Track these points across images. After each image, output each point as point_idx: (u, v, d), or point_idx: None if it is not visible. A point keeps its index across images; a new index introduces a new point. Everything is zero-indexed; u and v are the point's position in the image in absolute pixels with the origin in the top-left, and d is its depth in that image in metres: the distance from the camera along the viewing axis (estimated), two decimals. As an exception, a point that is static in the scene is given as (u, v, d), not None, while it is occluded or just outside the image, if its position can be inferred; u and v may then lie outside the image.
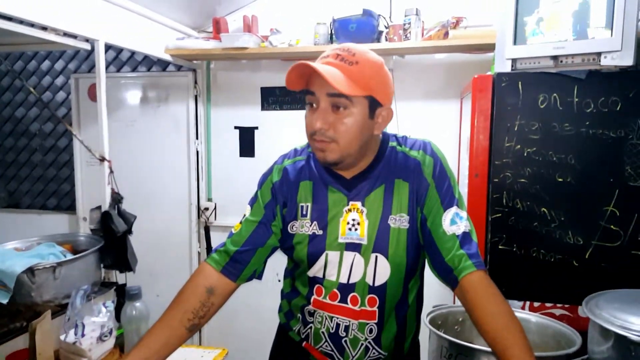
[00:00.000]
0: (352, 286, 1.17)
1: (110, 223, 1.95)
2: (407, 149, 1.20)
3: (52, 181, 3.28)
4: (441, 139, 2.68)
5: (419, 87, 2.74)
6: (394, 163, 1.18)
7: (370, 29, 2.49)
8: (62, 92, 3.19)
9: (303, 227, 1.19)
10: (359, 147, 1.12)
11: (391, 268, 1.16)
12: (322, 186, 1.19)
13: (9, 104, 3.26)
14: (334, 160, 1.10)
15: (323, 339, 1.21)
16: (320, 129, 1.07)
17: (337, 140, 1.08)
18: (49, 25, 1.85)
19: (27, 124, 3.27)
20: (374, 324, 1.18)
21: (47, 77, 3.20)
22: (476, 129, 1.84)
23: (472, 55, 2.57)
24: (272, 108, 2.89)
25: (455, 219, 1.13)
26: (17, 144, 3.30)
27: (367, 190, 1.16)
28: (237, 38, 2.51)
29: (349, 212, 1.16)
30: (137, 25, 2.37)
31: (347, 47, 1.09)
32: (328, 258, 1.17)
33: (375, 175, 1.17)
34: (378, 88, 1.09)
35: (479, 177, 1.83)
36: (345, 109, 1.07)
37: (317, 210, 1.18)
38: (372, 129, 1.12)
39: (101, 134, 2.10)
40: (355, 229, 1.15)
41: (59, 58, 3.16)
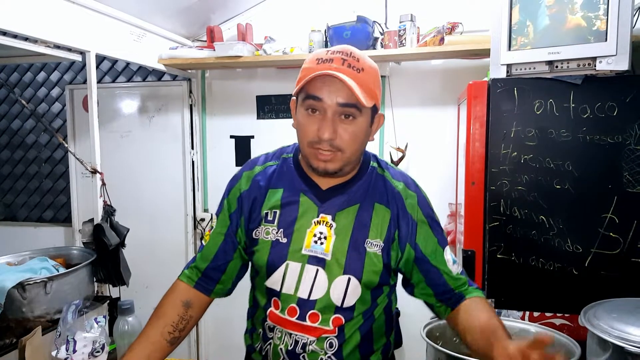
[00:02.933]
0: (312, 303, 1.10)
1: (103, 236, 1.93)
2: (388, 174, 1.16)
3: (49, 193, 3.27)
4: (439, 146, 2.70)
5: (415, 94, 2.72)
6: (374, 185, 1.14)
7: (364, 36, 2.47)
8: (58, 103, 3.19)
9: (268, 234, 1.13)
10: (358, 155, 1.10)
11: (362, 290, 1.10)
12: (293, 193, 1.14)
13: (5, 116, 3.26)
14: (336, 169, 1.06)
15: (281, 356, 1.13)
16: (329, 139, 1.01)
17: (343, 149, 1.03)
18: (39, 37, 1.84)
19: (23, 135, 3.26)
20: (334, 337, 1.11)
21: (42, 89, 3.19)
22: (472, 136, 1.82)
23: (468, 61, 2.56)
24: (267, 117, 2.87)
25: (454, 258, 1.17)
26: (13, 156, 3.29)
27: (340, 205, 1.11)
28: (231, 47, 2.50)
29: (318, 224, 1.11)
30: (129, 36, 2.36)
31: (349, 51, 1.03)
32: (288, 268, 1.11)
33: (352, 192, 1.12)
34: (379, 94, 1.07)
35: (476, 185, 1.81)
36: (353, 119, 1.03)
37: (285, 217, 1.12)
38: (369, 135, 1.10)
39: (93, 146, 2.08)
40: (321, 242, 1.09)
41: (55, 69, 3.16)
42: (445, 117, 2.66)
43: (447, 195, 2.65)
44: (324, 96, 1.00)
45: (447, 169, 2.64)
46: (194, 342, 3.07)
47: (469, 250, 1.80)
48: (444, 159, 2.67)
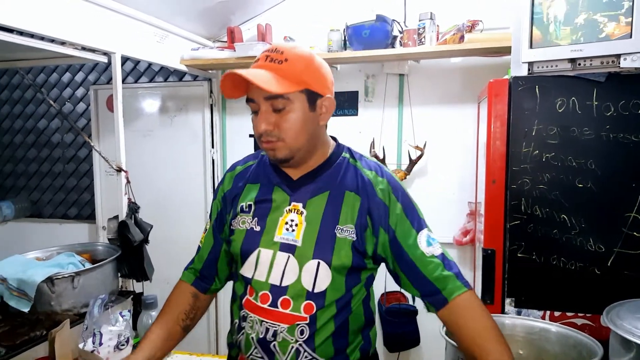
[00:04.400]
0: (284, 289, 1.12)
1: (127, 232, 1.97)
2: (360, 164, 1.19)
3: (73, 191, 3.35)
4: (458, 144, 2.69)
5: (435, 92, 2.72)
6: (344, 174, 1.17)
7: (383, 35, 2.48)
8: (82, 103, 3.26)
9: (244, 223, 1.19)
10: (306, 141, 1.13)
11: (332, 275, 1.12)
12: (268, 186, 1.21)
13: (32, 115, 3.35)
14: (284, 156, 1.12)
15: (252, 345, 1.15)
16: (265, 130, 1.09)
17: (283, 138, 1.10)
18: (67, 39, 1.89)
19: (49, 135, 3.34)
20: (305, 324, 1.12)
21: (68, 89, 3.27)
22: (493, 134, 1.81)
23: (489, 59, 2.54)
24: (286, 116, 2.90)
25: (430, 241, 1.14)
26: (39, 155, 3.37)
27: (311, 193, 1.16)
28: (250, 47, 2.53)
29: (289, 212, 1.16)
30: (152, 37, 2.41)
31: (275, 47, 1.11)
32: (260, 255, 1.15)
33: (321, 180, 1.17)
34: (312, 80, 1.10)
35: (497, 184, 1.80)
36: (284, 108, 1.08)
37: (260, 208, 1.19)
38: (316, 120, 1.13)
39: (118, 145, 2.13)
40: (292, 229, 1.14)
41: (79, 70, 3.23)
42: (464, 116, 2.65)
43: (467, 194, 2.64)
44: (253, 95, 1.09)
45: (467, 167, 2.63)
46: (213, 339, 3.12)
47: (489, 249, 1.80)
48: (464, 157, 2.66)
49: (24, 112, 3.36)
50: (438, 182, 2.75)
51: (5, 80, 3.35)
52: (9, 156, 3.41)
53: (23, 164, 3.40)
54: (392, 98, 2.78)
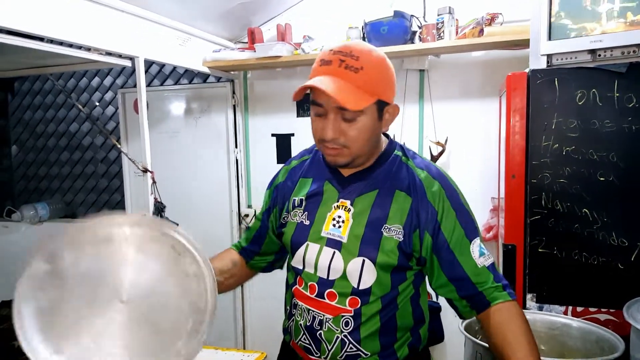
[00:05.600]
0: (331, 283, 1.15)
1: (153, 231, 2.04)
2: (412, 163, 1.17)
3: (104, 192, 3.46)
4: (480, 139, 2.66)
5: (455, 87, 2.70)
6: (396, 172, 1.16)
7: (402, 30, 2.47)
8: (111, 106, 3.37)
9: (295, 216, 1.22)
10: (369, 148, 1.13)
11: (377, 273, 1.13)
12: (320, 181, 1.22)
13: (64, 119, 3.48)
14: (345, 162, 1.12)
15: (301, 332, 1.19)
16: (332, 138, 1.07)
17: (349, 146, 1.09)
18: (92, 45, 1.97)
19: (80, 138, 3.46)
20: (350, 316, 1.13)
21: (97, 93, 3.38)
22: (512, 128, 1.80)
23: (510, 52, 2.50)
24: (307, 114, 2.93)
25: (482, 251, 1.13)
26: (72, 157, 3.50)
27: (360, 191, 1.16)
28: (270, 47, 2.57)
29: (337, 208, 1.17)
30: (175, 40, 2.47)
31: (349, 50, 1.06)
32: (308, 249, 1.18)
33: (372, 178, 1.16)
34: (385, 89, 1.08)
35: (516, 178, 1.79)
36: (355, 119, 1.07)
37: (311, 203, 1.21)
38: (380, 128, 1.13)
39: (143, 146, 2.20)
40: (339, 226, 1.15)
41: (108, 74, 3.34)
42: (486, 110, 2.62)
43: (490, 189, 2.61)
44: (323, 102, 1.06)
45: (490, 162, 2.60)
46: (240, 333, 3.18)
47: (509, 245, 1.78)
48: (486, 152, 2.63)
49: (56, 117, 3.49)
50: (460, 177, 2.68)
51: (38, 86, 3.49)
52: (43, 159, 3.55)
53: (57, 166, 3.54)
54: (413, 94, 2.77)
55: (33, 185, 3.60)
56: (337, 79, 1.04)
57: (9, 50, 1.98)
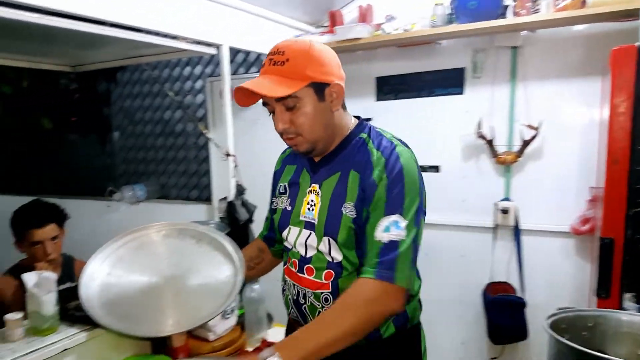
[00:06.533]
0: (308, 259, 1.26)
1: (234, 212, 2.12)
2: (373, 146, 1.20)
3: (194, 175, 3.65)
4: (579, 123, 2.43)
5: (551, 65, 2.48)
6: (355, 154, 1.21)
7: (493, 4, 2.31)
8: (201, 94, 3.53)
9: (282, 203, 1.35)
10: (323, 131, 1.19)
11: (342, 252, 1.20)
12: (300, 169, 1.33)
13: (159, 108, 3.71)
14: (306, 149, 1.20)
15: (290, 305, 1.33)
16: (283, 129, 1.17)
17: (300, 133, 1.17)
18: (179, 34, 2.06)
19: (172, 125, 3.68)
20: (328, 293, 1.22)
21: (188, 82, 3.56)
22: (615, 108, 1.61)
23: (616, 24, 2.24)
24: (386, 98, 2.85)
25: (390, 227, 1.12)
26: (165, 143, 3.73)
27: (325, 175, 1.24)
28: (350, 29, 2.52)
29: (310, 193, 1.26)
30: (257, 27, 2.51)
31: (276, 48, 1.16)
32: (290, 232, 1.31)
33: (335, 162, 1.24)
34: (315, 72, 1.13)
35: (619, 164, 1.61)
36: (295, 105, 1.14)
37: (293, 190, 1.33)
38: (328, 108, 1.18)
39: (226, 131, 2.27)
40: (312, 209, 1.25)
41: (197, 63, 3.50)
42: (586, 91, 2.38)
43: (588, 178, 2.38)
44: (267, 99, 1.17)
45: (589, 149, 2.37)
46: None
47: (606, 238, 1.61)
48: (585, 138, 2.40)
49: (152, 105, 3.73)
50: (554, 165, 2.52)
51: (136, 76, 3.75)
52: (141, 145, 3.83)
53: (153, 151, 3.79)
54: (503, 73, 2.59)
55: (132, 168, 3.89)
56: (267, 76, 1.14)
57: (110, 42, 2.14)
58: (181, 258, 1.47)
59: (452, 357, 2.89)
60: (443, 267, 2.81)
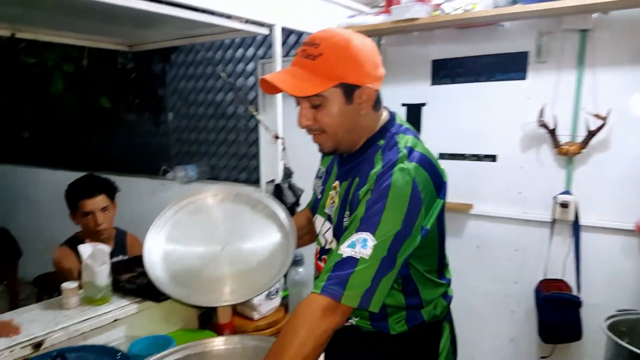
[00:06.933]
0: (326, 251, 1.28)
1: (281, 195, 2.11)
2: (379, 156, 1.14)
3: (243, 158, 3.69)
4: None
5: (627, 50, 2.30)
6: (365, 164, 1.16)
7: (562, -17, 2.15)
8: (252, 77, 3.54)
9: (318, 188, 1.37)
10: (346, 133, 1.14)
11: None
12: (335, 158, 1.31)
13: (211, 90, 3.75)
14: (330, 149, 1.17)
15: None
16: (305, 126, 1.14)
17: (324, 130, 1.14)
18: (233, 13, 2.05)
19: (224, 107, 3.71)
20: None
21: (240, 64, 3.58)
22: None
23: None
24: (442, 82, 2.74)
25: (356, 243, 1.03)
26: (217, 125, 3.78)
27: (344, 177, 1.22)
28: (407, 9, 2.43)
29: (333, 189, 1.26)
30: (310, 7, 2.47)
31: (312, 39, 1.10)
32: (317, 220, 1.33)
33: (352, 166, 1.20)
34: (347, 72, 1.08)
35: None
36: (321, 104, 1.10)
37: (326, 177, 1.33)
38: (355, 112, 1.12)
39: (276, 114, 2.26)
40: (332, 205, 1.25)
41: (250, 45, 3.51)
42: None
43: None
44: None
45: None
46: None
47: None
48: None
49: (205, 87, 3.78)
50: (621, 158, 2.35)
51: (190, 57, 3.81)
52: (193, 126, 3.90)
53: (205, 132, 3.86)
54: (570, 58, 2.43)
55: (184, 148, 3.98)
56: (295, 69, 1.09)
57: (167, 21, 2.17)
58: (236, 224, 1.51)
59: (500, 353, 2.79)
60: (495, 261, 2.70)
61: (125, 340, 1.63)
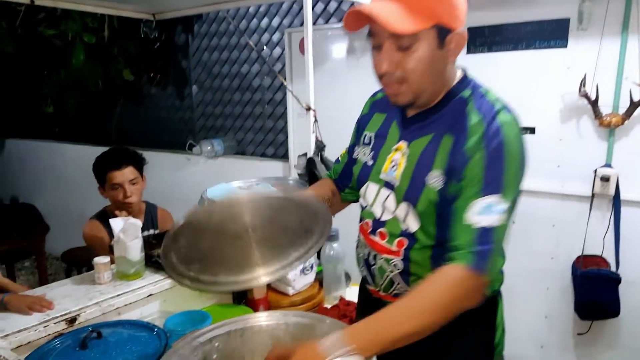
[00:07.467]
0: (382, 223, 1.17)
1: (314, 169, 2.06)
2: (474, 108, 1.05)
3: (270, 132, 3.63)
4: None
5: (678, 14, 2.15)
6: (453, 116, 1.07)
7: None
8: (278, 47, 3.45)
9: (364, 155, 1.23)
10: (431, 82, 1.05)
11: (421, 221, 1.10)
12: (390, 119, 1.20)
13: (236, 61, 3.68)
14: (407, 101, 1.07)
15: (361, 263, 1.26)
16: (387, 71, 1.02)
17: (406, 80, 1.02)
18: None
19: (250, 79, 3.64)
20: (399, 260, 1.15)
21: (265, 35, 3.49)
22: None
23: None
24: (478, 50, 2.62)
25: (486, 210, 0.98)
26: (242, 98, 3.72)
27: (416, 135, 1.12)
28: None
29: (396, 151, 1.15)
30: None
31: None
32: (368, 189, 1.21)
33: (431, 120, 1.10)
34: (445, 13, 0.98)
35: None
36: (410, 46, 0.99)
37: (377, 141, 1.21)
38: (444, 58, 1.03)
39: (308, 84, 2.20)
40: (394, 169, 1.14)
41: (275, 14, 3.41)
42: None
43: None
44: (376, 30, 1.01)
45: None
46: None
47: None
48: None
49: (229, 58, 3.71)
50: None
51: (214, 28, 3.73)
52: (219, 99, 3.85)
53: (230, 106, 3.81)
54: (614, 25, 2.29)
55: (210, 122, 3.94)
56: (390, 3, 0.97)
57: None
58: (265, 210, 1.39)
59: (535, 330, 2.74)
60: (532, 236, 2.62)
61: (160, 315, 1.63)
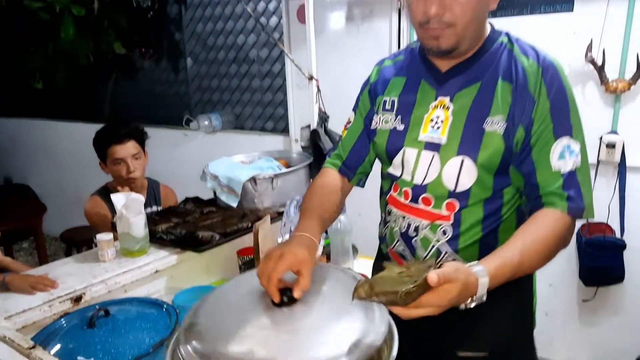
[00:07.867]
0: (424, 188, 1.11)
1: (318, 141, 2.02)
2: (517, 48, 1.06)
3: (269, 105, 3.55)
4: None
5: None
6: (499, 60, 1.05)
7: None
8: (275, 16, 3.35)
9: (387, 122, 1.17)
10: (475, 29, 1.03)
11: (479, 174, 1.05)
12: (414, 80, 1.15)
13: (232, 32, 3.57)
14: (450, 46, 1.02)
15: (396, 238, 1.18)
16: (436, 14, 0.98)
17: (454, 24, 0.99)
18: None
19: (246, 50, 3.54)
20: (448, 225, 1.10)
21: (261, 3, 3.37)
22: None
23: None
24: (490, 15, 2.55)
25: (564, 153, 1.00)
26: (239, 70, 3.63)
27: (460, 86, 1.07)
28: None
29: (435, 108, 1.09)
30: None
31: None
32: (405, 154, 1.13)
33: (473, 70, 1.07)
34: None
35: None
36: None
37: (404, 104, 1.14)
38: (487, 5, 1.03)
39: (309, 53, 2.13)
40: (437, 127, 1.08)
41: (272, -18, 3.30)
42: None
43: None
44: None
45: None
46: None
47: None
48: None
49: (224, 29, 3.60)
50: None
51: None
52: (214, 72, 3.75)
53: (227, 79, 3.71)
54: (622, -12, 2.23)
55: (207, 97, 3.85)
56: None
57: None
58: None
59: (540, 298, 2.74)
60: (536, 204, 2.62)
61: (167, 292, 1.61)
